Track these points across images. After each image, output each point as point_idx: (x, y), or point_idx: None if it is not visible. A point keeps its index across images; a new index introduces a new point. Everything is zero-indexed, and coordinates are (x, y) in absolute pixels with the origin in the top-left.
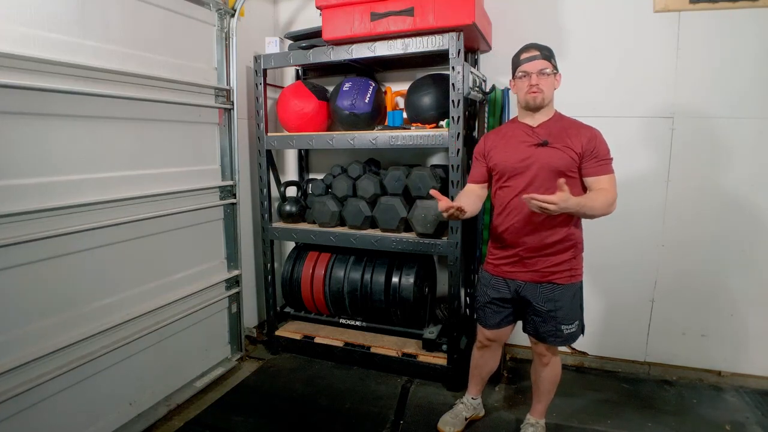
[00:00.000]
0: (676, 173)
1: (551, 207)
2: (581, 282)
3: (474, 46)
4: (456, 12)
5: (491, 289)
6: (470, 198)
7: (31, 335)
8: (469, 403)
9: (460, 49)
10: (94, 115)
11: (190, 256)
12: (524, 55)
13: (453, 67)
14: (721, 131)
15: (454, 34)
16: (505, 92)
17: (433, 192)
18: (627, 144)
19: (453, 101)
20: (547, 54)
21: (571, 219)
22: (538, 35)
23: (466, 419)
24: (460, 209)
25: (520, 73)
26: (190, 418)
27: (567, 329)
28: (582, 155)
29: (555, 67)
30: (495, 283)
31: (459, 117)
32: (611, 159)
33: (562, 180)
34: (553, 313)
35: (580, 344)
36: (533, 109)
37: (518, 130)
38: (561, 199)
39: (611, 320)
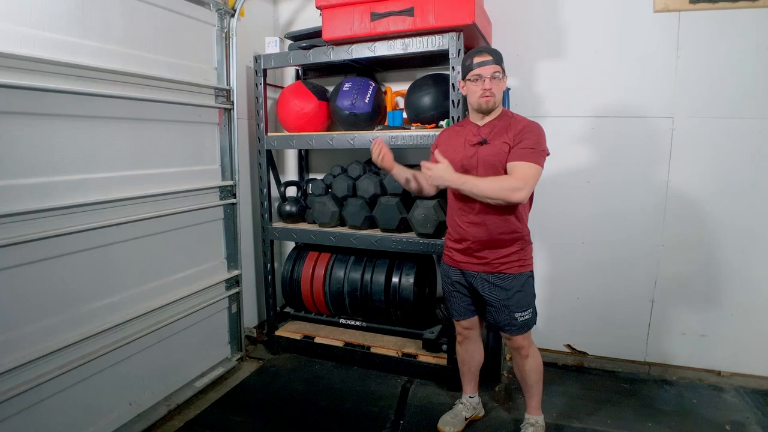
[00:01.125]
0: (676, 173)
1: (427, 172)
2: (531, 272)
3: (474, 45)
4: (456, 12)
5: (450, 278)
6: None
7: (31, 335)
8: (468, 403)
9: (460, 49)
10: (94, 115)
11: (190, 256)
12: (477, 59)
13: (453, 67)
14: (721, 131)
15: (454, 34)
16: (505, 93)
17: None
18: (627, 144)
19: (453, 101)
20: (498, 59)
21: (512, 213)
22: (538, 35)
23: (466, 419)
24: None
25: (473, 77)
26: (190, 418)
27: (521, 317)
28: (512, 146)
29: (504, 71)
30: (452, 273)
31: (459, 117)
32: (540, 151)
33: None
34: (505, 302)
35: (580, 344)
36: (485, 112)
37: (467, 129)
38: (437, 167)
39: (611, 320)
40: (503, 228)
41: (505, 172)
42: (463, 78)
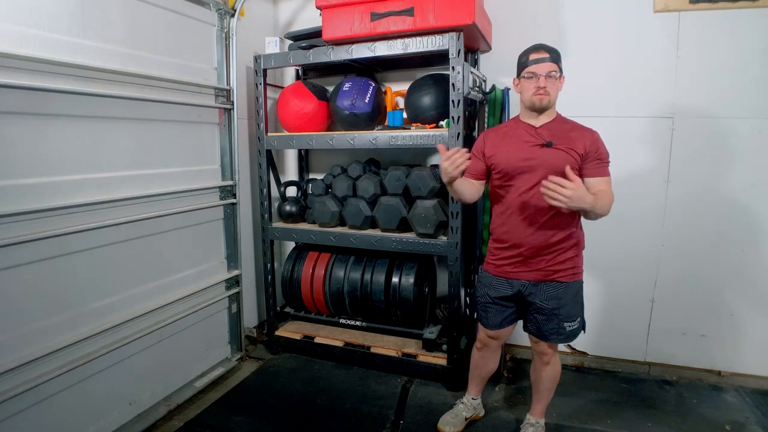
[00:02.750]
0: (676, 173)
1: (565, 192)
2: (582, 280)
3: (474, 46)
4: (456, 12)
5: (492, 289)
6: (468, 184)
7: (31, 335)
8: (469, 403)
9: (460, 49)
10: (94, 115)
11: (190, 256)
12: (534, 56)
13: (453, 67)
14: (720, 131)
15: (454, 34)
16: (505, 92)
17: (439, 146)
18: (627, 144)
19: (453, 101)
20: (555, 57)
21: (574, 218)
22: (538, 35)
23: (466, 419)
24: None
25: (527, 74)
26: (190, 418)
27: (569, 326)
28: (585, 156)
29: (561, 71)
30: (496, 283)
31: (459, 117)
32: (609, 161)
33: (569, 168)
34: (556, 311)
35: (580, 344)
36: (538, 110)
37: (520, 130)
38: (577, 185)
39: (611, 320)
40: (562, 233)
41: (563, 176)
42: (518, 75)
